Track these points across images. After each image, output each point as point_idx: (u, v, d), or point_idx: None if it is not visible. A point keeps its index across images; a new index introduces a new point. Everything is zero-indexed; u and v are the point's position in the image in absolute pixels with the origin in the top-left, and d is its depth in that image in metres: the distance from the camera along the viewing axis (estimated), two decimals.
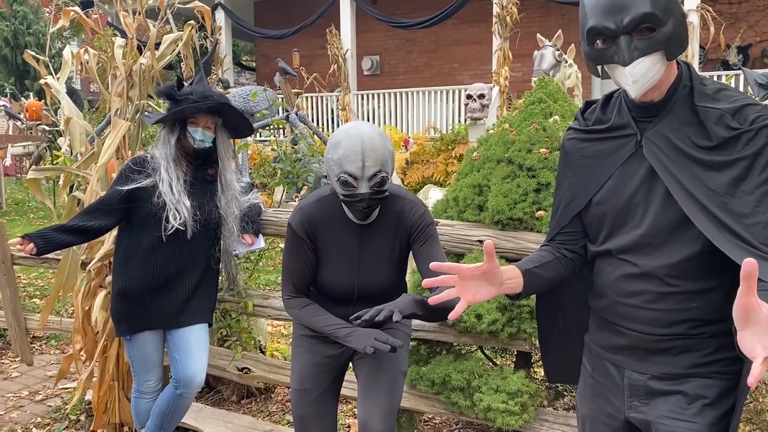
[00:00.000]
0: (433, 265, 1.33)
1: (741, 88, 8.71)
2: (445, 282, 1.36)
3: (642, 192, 1.43)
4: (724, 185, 1.32)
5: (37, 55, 3.35)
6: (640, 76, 1.33)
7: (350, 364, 2.28)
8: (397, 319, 1.72)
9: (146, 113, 3.10)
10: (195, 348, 2.63)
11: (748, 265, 1.01)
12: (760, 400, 2.58)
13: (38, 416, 3.53)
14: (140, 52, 3.15)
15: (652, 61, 1.33)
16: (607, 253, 1.50)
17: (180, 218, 2.50)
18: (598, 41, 1.37)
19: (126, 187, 2.52)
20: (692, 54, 9.25)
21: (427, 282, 1.33)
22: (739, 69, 8.50)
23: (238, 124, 2.68)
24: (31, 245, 2.43)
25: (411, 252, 2.15)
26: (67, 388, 3.84)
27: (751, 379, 1.01)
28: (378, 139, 1.93)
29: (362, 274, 2.10)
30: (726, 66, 11.23)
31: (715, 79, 1.66)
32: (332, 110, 13.18)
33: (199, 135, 2.56)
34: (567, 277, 1.60)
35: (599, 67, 1.42)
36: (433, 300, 1.35)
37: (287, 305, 2.17)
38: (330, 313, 2.11)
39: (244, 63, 20.29)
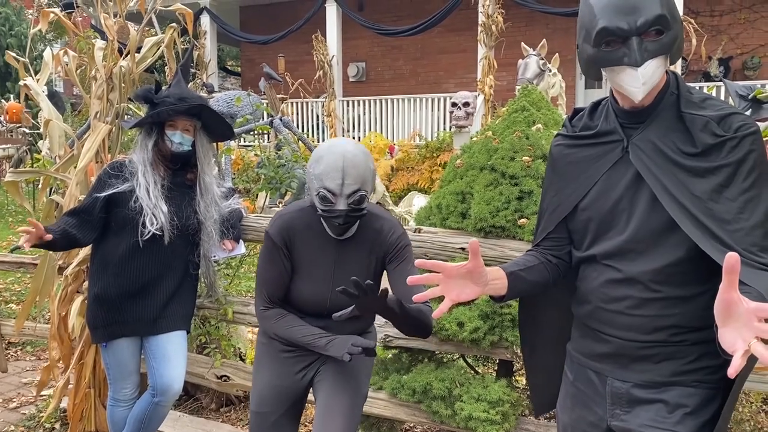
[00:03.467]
0: (418, 262, 1.33)
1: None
2: (429, 280, 1.36)
3: (627, 197, 1.43)
4: (708, 191, 1.34)
5: (17, 57, 3.31)
6: (648, 77, 1.34)
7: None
8: (368, 286, 1.65)
9: (126, 117, 3.06)
10: (173, 355, 2.58)
11: (731, 259, 1.01)
12: (740, 409, 2.59)
13: (12, 424, 3.46)
14: (122, 54, 3.11)
15: (657, 63, 1.34)
16: (591, 259, 1.50)
17: (157, 223, 2.46)
18: (605, 43, 1.36)
19: (103, 194, 2.49)
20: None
21: (411, 279, 1.32)
22: (721, 80, 8.61)
23: (218, 126, 2.65)
24: (48, 235, 2.32)
25: (385, 271, 2.13)
26: (41, 396, 3.77)
27: (731, 370, 1.01)
28: (360, 157, 1.92)
29: (335, 291, 2.06)
30: (707, 78, 11.37)
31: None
32: (317, 116, 13.15)
33: (178, 138, 2.52)
34: (551, 282, 1.61)
35: (600, 71, 1.42)
36: (418, 298, 1.35)
37: (263, 317, 2.12)
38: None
39: (229, 68, 20.22)
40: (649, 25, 1.31)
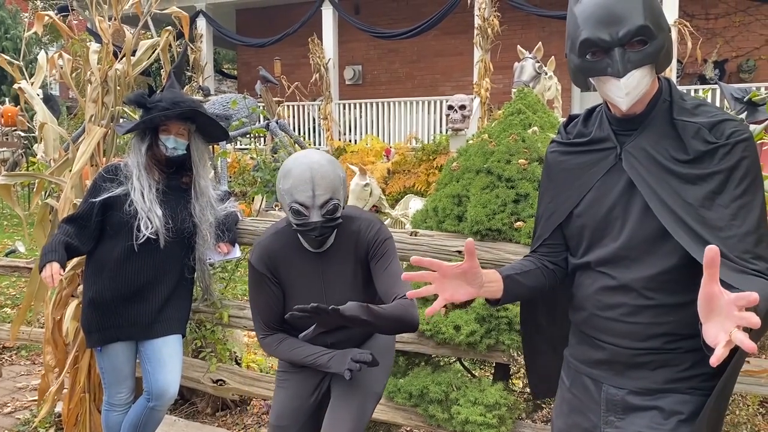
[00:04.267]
0: (413, 259, 1.33)
1: (717, 102, 8.85)
2: (424, 277, 1.35)
3: (621, 205, 1.43)
4: (700, 198, 1.33)
5: (12, 60, 3.30)
6: (632, 88, 1.34)
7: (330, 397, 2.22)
8: (328, 310, 1.68)
9: (120, 121, 3.05)
10: (168, 359, 2.57)
11: (710, 252, 1.02)
12: (737, 412, 2.58)
13: (6, 429, 3.44)
14: (117, 57, 3.10)
15: (642, 73, 1.34)
16: (586, 266, 1.50)
17: (152, 227, 2.45)
18: (589, 54, 1.37)
19: (99, 198, 2.48)
20: (670, 68, 9.39)
21: (407, 276, 1.32)
22: (716, 83, 8.64)
23: (212, 129, 2.64)
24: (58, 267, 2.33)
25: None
26: (36, 400, 3.75)
27: (713, 359, 1.01)
28: (327, 167, 1.92)
29: (330, 302, 2.02)
30: (703, 80, 11.40)
31: (692, 93, 1.67)
32: (314, 119, 13.15)
33: (172, 142, 2.52)
34: (548, 287, 1.61)
35: (588, 81, 1.42)
36: (412, 294, 1.34)
37: (264, 344, 2.13)
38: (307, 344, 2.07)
39: (225, 71, 20.21)
40: (631, 36, 1.31)
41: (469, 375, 2.85)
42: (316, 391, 2.17)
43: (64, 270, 2.34)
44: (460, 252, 2.49)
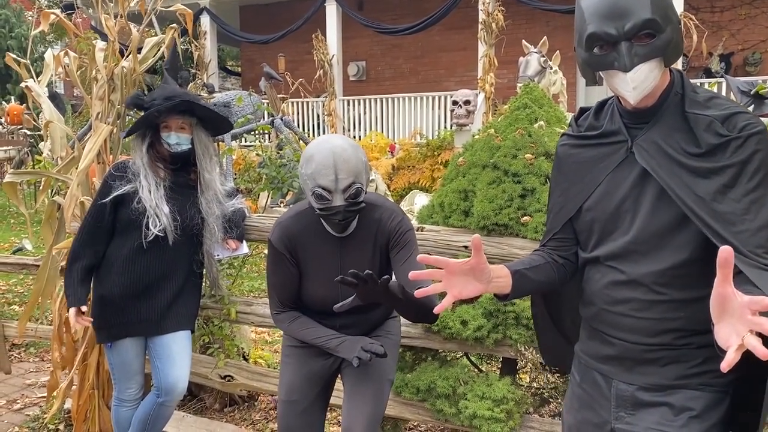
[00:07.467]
0: (420, 257, 1.33)
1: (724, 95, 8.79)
2: (432, 275, 1.35)
3: (631, 198, 1.42)
4: (712, 192, 1.32)
5: (19, 59, 3.31)
6: (639, 82, 1.33)
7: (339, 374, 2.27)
8: (378, 280, 1.69)
9: (127, 119, 3.06)
10: (177, 355, 2.58)
11: (724, 252, 1.01)
12: None
13: (16, 425, 3.46)
14: (123, 55, 3.11)
15: (650, 67, 1.33)
16: (596, 260, 1.49)
17: (159, 225, 2.47)
18: (596, 47, 1.36)
19: (108, 198, 2.50)
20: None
21: (413, 275, 1.32)
22: (722, 76, 8.60)
23: (213, 120, 2.63)
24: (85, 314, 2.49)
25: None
26: (45, 397, 3.77)
27: (724, 365, 1.01)
28: (350, 151, 1.93)
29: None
30: (708, 74, 11.35)
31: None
32: (318, 116, 13.16)
33: (173, 139, 2.52)
34: (558, 282, 1.60)
35: (596, 74, 1.42)
36: (420, 293, 1.34)
37: (277, 320, 2.16)
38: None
39: (229, 68, 20.21)
40: (637, 29, 1.30)
41: (476, 370, 2.86)
42: (326, 366, 2.20)
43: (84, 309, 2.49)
44: (466, 247, 2.49)
